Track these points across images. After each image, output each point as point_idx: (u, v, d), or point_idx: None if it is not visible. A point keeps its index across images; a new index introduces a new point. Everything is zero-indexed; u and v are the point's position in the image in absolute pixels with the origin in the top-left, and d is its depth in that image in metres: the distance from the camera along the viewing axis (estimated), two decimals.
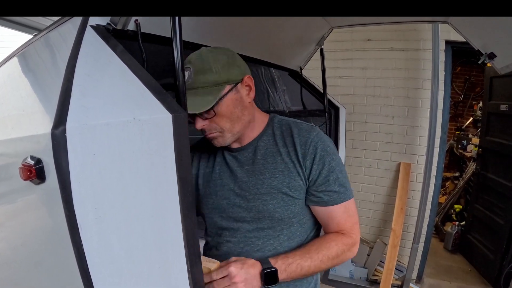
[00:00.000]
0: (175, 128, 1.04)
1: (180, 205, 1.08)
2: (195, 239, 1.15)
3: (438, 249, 6.14)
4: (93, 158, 0.89)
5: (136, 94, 1.05)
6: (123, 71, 1.10)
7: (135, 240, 1.01)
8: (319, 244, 1.61)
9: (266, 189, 1.60)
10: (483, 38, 2.57)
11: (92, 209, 0.90)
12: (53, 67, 1.26)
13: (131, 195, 0.98)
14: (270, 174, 1.61)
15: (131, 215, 0.99)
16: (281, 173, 1.60)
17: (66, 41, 1.21)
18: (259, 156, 1.65)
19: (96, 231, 0.92)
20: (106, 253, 0.95)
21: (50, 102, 0.96)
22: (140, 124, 0.96)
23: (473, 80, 8.90)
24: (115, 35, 1.33)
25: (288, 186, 1.60)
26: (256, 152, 1.66)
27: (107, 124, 0.91)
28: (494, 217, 5.06)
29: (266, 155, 1.64)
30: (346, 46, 5.25)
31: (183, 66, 1.19)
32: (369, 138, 5.28)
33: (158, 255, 1.07)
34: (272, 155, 1.64)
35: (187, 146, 1.08)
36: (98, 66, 1.10)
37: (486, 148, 5.44)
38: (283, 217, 1.63)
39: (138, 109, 0.99)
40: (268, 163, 1.63)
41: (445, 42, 4.74)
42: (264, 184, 1.61)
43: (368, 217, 5.45)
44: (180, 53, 1.17)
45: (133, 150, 0.96)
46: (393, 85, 5.05)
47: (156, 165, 1.02)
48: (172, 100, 1.09)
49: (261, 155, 1.65)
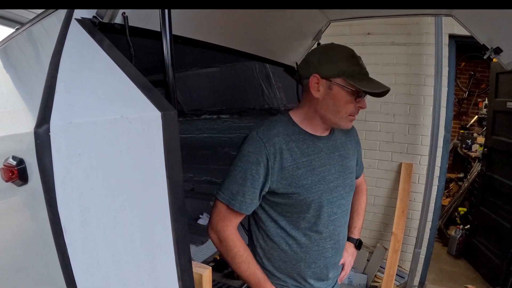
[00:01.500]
0: (165, 127, 1.04)
1: (169, 208, 1.08)
2: (186, 244, 1.16)
3: (441, 254, 6.15)
4: (79, 158, 0.89)
5: (123, 91, 1.05)
6: (110, 67, 1.10)
7: (122, 244, 1.01)
8: (359, 203, 2.40)
9: (350, 169, 2.05)
10: (488, 32, 2.58)
11: (77, 212, 0.90)
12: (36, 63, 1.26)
13: (118, 197, 0.98)
14: (350, 157, 2.06)
15: (118, 219, 0.99)
16: (353, 155, 2.11)
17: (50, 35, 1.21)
18: (339, 144, 2.02)
19: (82, 235, 0.92)
20: (92, 258, 0.95)
21: (33, 100, 0.96)
22: (127, 122, 0.97)
23: (478, 76, 8.92)
24: (101, 29, 1.33)
25: (355, 166, 2.14)
26: (337, 140, 2.02)
27: (93, 123, 0.91)
28: (500, 220, 5.05)
29: (343, 142, 2.05)
30: (344, 40, 5.24)
31: (173, 61, 1.19)
32: (369, 137, 5.27)
33: (147, 261, 1.07)
34: (345, 143, 2.06)
35: (177, 145, 1.09)
36: (84, 62, 1.11)
37: (492, 147, 5.45)
38: (353, 188, 2.14)
39: (126, 107, 1.00)
40: (346, 148, 2.05)
41: (448, 36, 4.75)
42: (349, 164, 2.05)
43: (368, 220, 5.45)
44: (169, 47, 1.17)
45: (121, 150, 0.97)
46: (394, 82, 5.05)
47: (145, 166, 1.02)
48: (162, 97, 1.09)
49: (341, 143, 2.03)
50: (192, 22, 2.03)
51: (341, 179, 1.96)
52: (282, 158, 1.76)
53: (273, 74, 3.82)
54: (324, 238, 1.93)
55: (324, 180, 1.88)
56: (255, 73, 3.72)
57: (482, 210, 5.56)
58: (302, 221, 1.88)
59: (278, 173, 1.77)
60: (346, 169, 2.01)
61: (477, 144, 7.53)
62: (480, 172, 5.78)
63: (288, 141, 1.81)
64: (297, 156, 1.81)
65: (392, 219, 5.00)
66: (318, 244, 1.92)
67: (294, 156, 1.80)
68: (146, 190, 1.04)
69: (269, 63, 3.46)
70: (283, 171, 1.77)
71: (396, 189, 5.11)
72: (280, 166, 1.76)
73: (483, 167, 5.63)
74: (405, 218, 4.94)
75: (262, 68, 3.74)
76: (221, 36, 2.33)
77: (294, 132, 1.86)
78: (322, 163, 1.89)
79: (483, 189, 5.67)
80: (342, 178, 1.97)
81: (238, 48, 2.65)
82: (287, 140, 1.81)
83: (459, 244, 6.01)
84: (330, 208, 1.92)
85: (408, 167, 5.05)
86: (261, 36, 2.86)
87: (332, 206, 1.93)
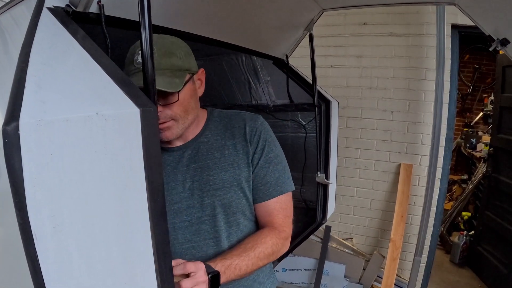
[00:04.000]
0: (144, 125, 1.04)
1: (149, 212, 1.08)
2: (167, 251, 1.16)
3: (444, 262, 6.20)
4: (50, 159, 0.89)
5: (99, 85, 1.05)
6: (85, 60, 1.10)
7: (98, 252, 1.01)
8: (254, 241, 1.76)
9: (219, 184, 1.76)
10: (495, 22, 2.58)
11: (48, 217, 0.90)
12: (4, 55, 1.26)
13: (94, 201, 0.98)
14: (219, 169, 1.77)
15: (93, 224, 0.99)
16: (231, 166, 1.78)
17: (20, 26, 1.21)
18: (205, 152, 1.79)
19: (54, 242, 0.92)
20: (65, 267, 0.95)
21: (1, 95, 0.97)
22: (103, 120, 0.97)
23: (483, 69, 8.99)
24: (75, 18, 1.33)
25: (239, 179, 1.79)
26: (200, 148, 1.80)
27: (66, 120, 0.91)
28: (507, 226, 5.06)
29: (211, 149, 1.80)
30: (338, 31, 5.28)
31: (152, 53, 1.19)
32: (365, 136, 5.31)
33: (124, 270, 1.08)
34: (219, 149, 1.80)
35: (157, 145, 1.09)
36: (56, 54, 1.11)
37: (498, 147, 5.48)
38: (237, 210, 1.82)
39: (102, 103, 1.00)
40: (215, 157, 1.78)
41: (451, 27, 4.77)
42: (216, 179, 1.76)
43: (364, 226, 5.48)
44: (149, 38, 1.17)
45: (96, 149, 0.97)
46: (393, 76, 5.09)
47: (122, 167, 1.02)
48: (140, 92, 1.10)
49: (206, 150, 1.80)
50: (173, 10, 2.04)
51: (196, 198, 1.76)
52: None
53: (261, 67, 3.82)
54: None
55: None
56: (241, 66, 3.72)
57: (488, 214, 5.59)
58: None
59: None
60: (207, 185, 1.76)
61: (482, 143, 7.60)
62: (485, 173, 5.82)
63: None
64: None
65: (390, 224, 5.03)
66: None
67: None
68: (124, 193, 1.04)
69: (257, 55, 3.47)
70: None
71: (394, 192, 5.14)
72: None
73: (489, 168, 5.67)
74: (404, 223, 4.97)
75: (249, 61, 3.75)
76: (204, 26, 2.33)
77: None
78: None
79: (488, 192, 5.70)
80: (197, 197, 1.76)
81: (223, 40, 2.66)
82: None
83: (462, 251, 6.06)
84: (181, 235, 1.77)
85: (408, 168, 5.08)
86: (248, 27, 2.86)
87: (182, 232, 1.77)
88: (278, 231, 1.83)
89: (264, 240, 1.76)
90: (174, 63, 1.59)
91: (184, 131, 1.75)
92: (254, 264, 1.70)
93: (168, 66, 1.57)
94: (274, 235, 1.81)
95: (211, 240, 1.79)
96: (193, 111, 1.74)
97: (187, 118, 1.70)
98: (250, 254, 1.69)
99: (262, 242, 1.75)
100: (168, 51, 1.59)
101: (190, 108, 1.71)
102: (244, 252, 1.68)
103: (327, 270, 5.22)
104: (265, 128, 1.86)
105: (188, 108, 1.70)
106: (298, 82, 3.85)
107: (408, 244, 5.23)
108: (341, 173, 5.17)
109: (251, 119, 1.85)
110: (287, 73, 3.73)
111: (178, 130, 1.70)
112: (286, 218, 1.89)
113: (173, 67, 1.58)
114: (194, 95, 1.73)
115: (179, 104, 1.63)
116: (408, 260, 5.22)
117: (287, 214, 1.89)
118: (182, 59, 1.63)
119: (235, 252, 1.68)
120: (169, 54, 1.58)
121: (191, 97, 1.70)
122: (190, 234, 1.77)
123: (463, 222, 6.86)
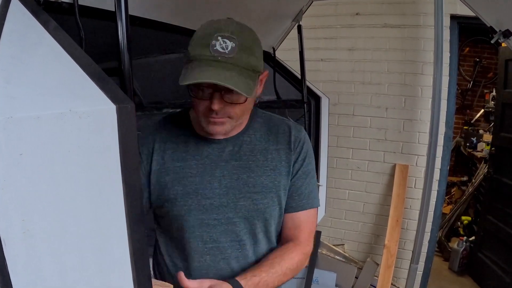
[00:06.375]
0: (120, 122, 1.04)
1: (126, 217, 1.08)
2: (145, 258, 1.17)
3: (442, 270, 6.23)
4: (20, 159, 0.89)
5: (72, 80, 1.05)
6: (57, 53, 1.10)
7: (71, 259, 1.01)
8: (281, 256, 1.80)
9: (258, 188, 1.79)
10: (497, 12, 2.59)
11: (18, 221, 0.90)
12: None
13: (66, 204, 0.98)
14: (261, 172, 1.80)
15: (66, 229, 0.99)
16: (272, 171, 1.82)
17: None
18: (247, 151, 1.82)
19: (24, 248, 0.92)
20: (36, 274, 0.95)
21: None
22: (77, 117, 0.97)
23: (484, 63, 9.04)
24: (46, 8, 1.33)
25: (278, 186, 1.82)
26: (243, 146, 1.82)
27: (37, 117, 0.91)
28: (510, 231, 5.07)
29: (254, 150, 1.82)
30: (329, 21, 5.28)
31: (129, 45, 1.20)
32: (358, 135, 5.33)
33: (99, 278, 1.08)
34: (262, 151, 1.83)
35: (135, 144, 1.09)
36: (26, 47, 1.11)
37: (500, 146, 5.50)
38: (269, 217, 1.84)
39: (75, 99, 1.00)
40: (258, 160, 1.81)
41: (450, 17, 4.80)
42: (256, 182, 1.79)
43: (356, 231, 5.50)
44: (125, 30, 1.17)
45: (69, 149, 0.97)
46: (387, 70, 5.10)
47: (97, 168, 1.02)
48: (117, 88, 1.09)
49: (249, 150, 1.82)
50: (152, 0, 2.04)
51: (231, 197, 1.77)
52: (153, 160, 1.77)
53: None
54: (193, 269, 1.82)
55: (195, 193, 1.76)
56: None
57: (489, 219, 5.61)
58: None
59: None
60: (245, 186, 1.78)
61: (483, 143, 7.63)
62: (486, 175, 5.86)
63: (166, 140, 1.81)
64: (169, 160, 1.78)
65: (385, 229, 5.04)
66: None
67: (166, 159, 1.78)
68: (99, 195, 1.04)
69: None
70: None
71: (389, 195, 5.16)
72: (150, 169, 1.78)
73: (490, 169, 5.70)
74: (400, 228, 4.99)
75: None
76: (185, 16, 2.33)
77: (179, 131, 1.83)
78: (199, 172, 1.77)
79: (490, 195, 5.73)
80: (233, 197, 1.77)
81: None
82: (165, 140, 1.81)
83: (462, 258, 6.08)
84: (207, 233, 1.78)
85: (403, 169, 5.10)
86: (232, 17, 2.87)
87: (209, 230, 1.78)
88: (302, 247, 1.88)
89: (291, 256, 1.81)
90: (252, 62, 1.59)
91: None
92: (280, 281, 1.76)
93: (246, 65, 1.56)
94: (300, 250, 1.85)
95: (237, 243, 1.82)
96: (249, 112, 1.80)
97: (242, 117, 1.74)
98: (278, 270, 1.73)
99: (289, 258, 1.80)
100: (249, 48, 1.59)
101: (248, 109, 1.76)
102: (272, 268, 1.72)
103: (317, 279, 5.21)
104: (307, 140, 1.93)
105: (247, 110, 1.75)
106: (286, 76, 3.85)
107: (404, 251, 5.25)
108: (332, 174, 5.19)
109: (295, 128, 1.91)
110: (274, 67, 3.73)
111: (230, 127, 1.71)
112: (311, 234, 1.95)
113: (250, 67, 1.58)
114: (255, 96, 1.74)
115: (242, 105, 1.64)
116: (404, 268, 5.24)
117: (312, 230, 1.95)
118: (258, 59, 1.64)
119: (264, 268, 1.72)
120: (249, 51, 1.58)
121: (253, 99, 1.74)
122: (217, 233, 1.79)
123: (462, 227, 6.89)
